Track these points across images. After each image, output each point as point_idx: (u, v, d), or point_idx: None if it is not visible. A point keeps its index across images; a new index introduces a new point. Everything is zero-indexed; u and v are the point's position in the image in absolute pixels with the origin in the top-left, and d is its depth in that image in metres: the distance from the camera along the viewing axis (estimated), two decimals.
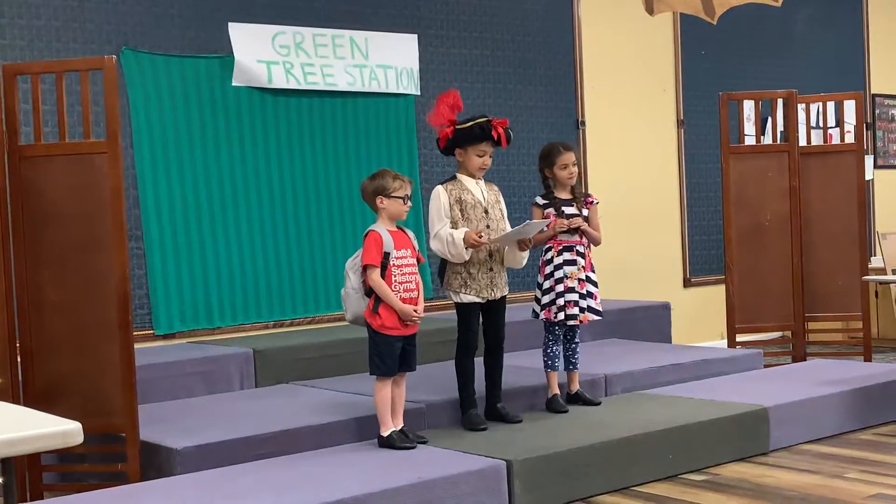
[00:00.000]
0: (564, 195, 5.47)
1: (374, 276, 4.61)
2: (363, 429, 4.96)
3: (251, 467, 4.47)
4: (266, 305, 6.69)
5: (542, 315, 5.43)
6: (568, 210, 5.43)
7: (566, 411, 5.37)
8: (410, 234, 4.81)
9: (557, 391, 5.45)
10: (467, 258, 4.98)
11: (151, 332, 6.23)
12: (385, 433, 4.70)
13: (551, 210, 5.43)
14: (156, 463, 4.61)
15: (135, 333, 4.98)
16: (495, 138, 5.05)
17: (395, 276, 4.65)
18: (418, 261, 4.78)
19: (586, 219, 5.46)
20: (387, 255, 4.62)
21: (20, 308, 4.74)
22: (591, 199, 5.54)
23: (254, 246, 6.63)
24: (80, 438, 2.29)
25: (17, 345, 4.75)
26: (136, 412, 4.67)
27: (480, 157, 5.08)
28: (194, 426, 4.89)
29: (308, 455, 4.67)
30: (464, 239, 4.92)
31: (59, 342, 4.73)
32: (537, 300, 5.48)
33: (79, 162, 4.72)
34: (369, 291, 4.65)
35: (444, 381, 5.53)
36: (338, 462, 4.51)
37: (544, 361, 5.47)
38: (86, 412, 4.43)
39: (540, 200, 5.49)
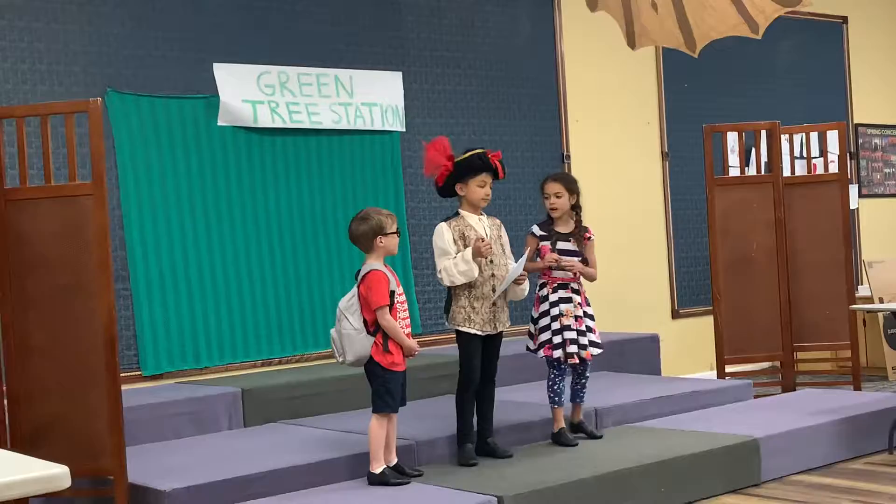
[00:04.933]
0: (564, 228, 5.42)
1: (388, 315, 4.62)
2: (353, 467, 4.93)
3: None
4: (254, 344, 6.67)
5: (542, 353, 5.39)
6: (562, 245, 5.37)
7: (576, 445, 5.35)
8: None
9: (564, 425, 5.43)
10: (476, 273, 4.98)
11: (139, 373, 6.20)
12: (377, 470, 4.68)
13: (547, 244, 5.38)
14: None
15: (122, 375, 4.96)
16: (494, 167, 5.09)
17: (399, 313, 4.67)
18: None
19: (585, 261, 5.40)
20: (391, 294, 4.63)
21: (6, 352, 4.72)
22: (588, 235, 5.45)
23: (241, 285, 6.62)
24: (67, 482, 2.27)
25: (4, 388, 4.73)
26: (124, 455, 4.64)
27: (482, 187, 5.10)
28: (183, 467, 4.86)
29: (298, 494, 4.64)
30: (472, 251, 4.94)
31: (45, 386, 4.70)
32: (531, 335, 5.45)
33: (64, 204, 4.72)
34: (375, 331, 4.65)
35: (434, 416, 5.51)
36: (328, 501, 4.48)
37: (549, 397, 5.42)
38: (74, 455, 4.41)
39: (537, 231, 5.44)
